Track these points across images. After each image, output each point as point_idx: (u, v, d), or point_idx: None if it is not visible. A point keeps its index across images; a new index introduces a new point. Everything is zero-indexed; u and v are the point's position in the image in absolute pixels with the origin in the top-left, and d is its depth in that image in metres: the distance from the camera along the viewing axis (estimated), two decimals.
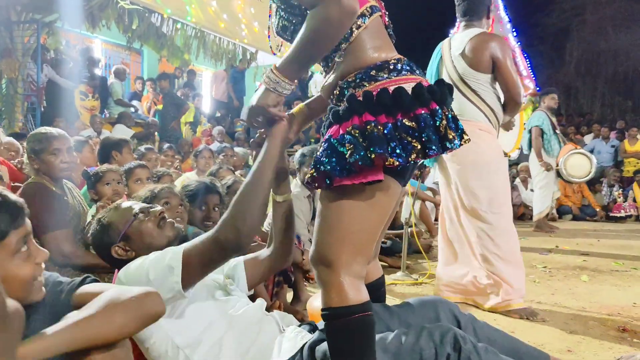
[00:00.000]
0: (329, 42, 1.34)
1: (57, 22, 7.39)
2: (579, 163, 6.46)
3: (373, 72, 1.38)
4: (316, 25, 1.29)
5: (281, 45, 1.58)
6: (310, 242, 3.48)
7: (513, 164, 8.71)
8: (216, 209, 2.57)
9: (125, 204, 1.69)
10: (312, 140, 10.25)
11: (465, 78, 2.88)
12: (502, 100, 2.96)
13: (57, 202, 2.47)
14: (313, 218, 3.72)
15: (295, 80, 1.40)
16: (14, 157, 4.01)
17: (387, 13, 1.53)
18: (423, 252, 4.20)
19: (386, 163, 1.29)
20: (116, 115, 7.93)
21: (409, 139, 1.30)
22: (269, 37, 1.58)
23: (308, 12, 1.34)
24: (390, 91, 1.33)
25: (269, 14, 1.58)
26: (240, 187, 1.44)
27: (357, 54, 1.40)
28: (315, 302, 2.05)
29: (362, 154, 1.28)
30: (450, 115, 1.39)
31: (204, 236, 1.44)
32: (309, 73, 10.74)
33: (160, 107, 9.07)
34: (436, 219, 5.22)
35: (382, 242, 3.49)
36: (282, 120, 1.49)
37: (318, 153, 1.38)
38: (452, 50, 2.96)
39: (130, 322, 1.11)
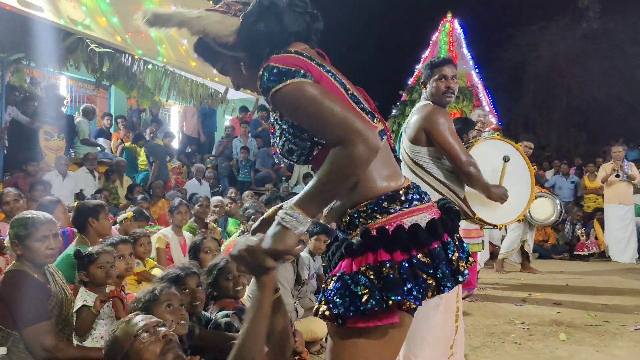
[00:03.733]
0: (354, 179, 1.31)
1: (23, 60, 7.18)
2: (543, 206, 6.45)
3: (385, 204, 1.37)
4: (343, 165, 1.24)
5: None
6: (296, 310, 3.46)
7: None
8: (199, 287, 2.62)
9: (135, 319, 1.65)
10: (284, 178, 10.21)
11: (410, 154, 2.63)
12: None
13: (39, 292, 2.36)
14: (297, 283, 3.66)
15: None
16: None
17: (392, 136, 1.53)
18: None
19: (403, 307, 1.29)
20: (82, 156, 7.70)
21: (424, 276, 1.30)
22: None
23: (324, 142, 1.32)
24: (406, 228, 1.34)
25: (270, 131, 1.53)
26: (237, 342, 1.35)
27: (367, 183, 1.37)
28: None
29: (377, 298, 1.27)
30: (457, 240, 1.44)
31: None
32: None
33: (128, 144, 8.87)
34: None
35: None
36: (275, 269, 1.36)
37: (330, 287, 1.34)
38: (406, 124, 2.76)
39: None
